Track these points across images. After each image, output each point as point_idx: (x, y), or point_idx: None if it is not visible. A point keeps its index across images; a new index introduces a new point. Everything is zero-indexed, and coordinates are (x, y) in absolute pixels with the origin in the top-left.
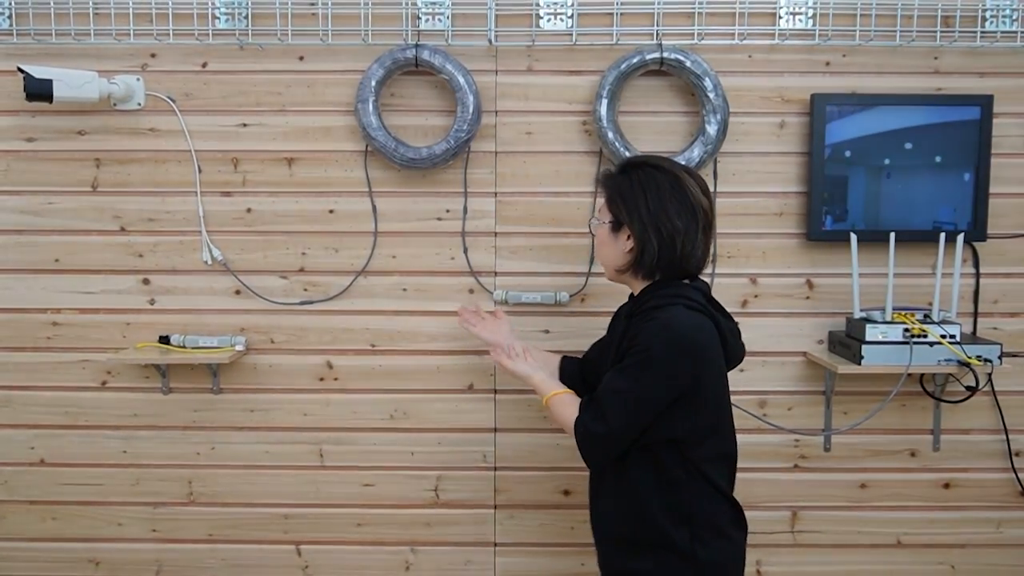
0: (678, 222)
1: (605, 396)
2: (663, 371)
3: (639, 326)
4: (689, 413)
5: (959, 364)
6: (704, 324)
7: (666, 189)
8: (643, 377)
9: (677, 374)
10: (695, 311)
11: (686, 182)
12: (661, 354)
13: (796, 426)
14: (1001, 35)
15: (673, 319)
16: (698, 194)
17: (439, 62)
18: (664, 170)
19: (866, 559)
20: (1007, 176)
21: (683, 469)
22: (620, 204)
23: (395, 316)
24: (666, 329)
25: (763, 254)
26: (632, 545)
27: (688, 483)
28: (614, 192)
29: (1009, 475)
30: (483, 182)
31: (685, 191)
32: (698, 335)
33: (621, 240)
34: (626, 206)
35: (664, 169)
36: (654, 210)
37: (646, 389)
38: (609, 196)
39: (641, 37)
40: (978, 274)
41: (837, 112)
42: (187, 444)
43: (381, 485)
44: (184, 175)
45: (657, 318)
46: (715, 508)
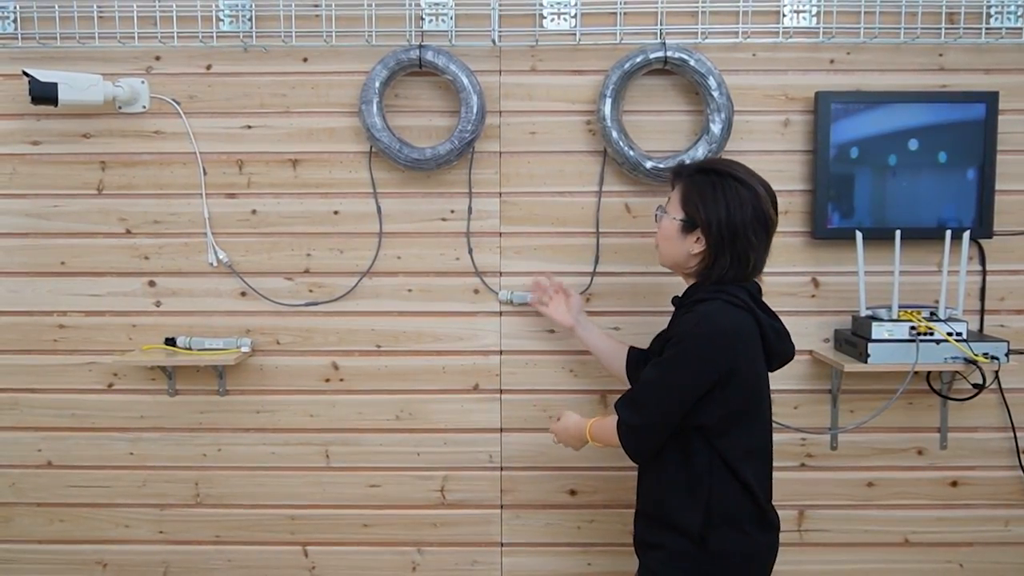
0: (754, 239)
1: (640, 389)
2: (696, 360)
3: (680, 318)
4: (719, 403)
5: (966, 362)
6: (742, 319)
7: (749, 206)
8: (677, 367)
9: (709, 364)
10: (736, 307)
11: (764, 200)
12: (694, 344)
13: (802, 425)
14: (1006, 31)
15: (711, 312)
16: (772, 211)
17: (443, 63)
18: (747, 184)
19: (873, 558)
20: (1013, 173)
21: (707, 458)
22: (699, 207)
23: (400, 317)
24: (702, 322)
25: None
26: (653, 521)
27: (711, 472)
28: (694, 192)
29: (1017, 473)
30: (487, 182)
31: (764, 209)
32: (733, 328)
33: (689, 241)
34: (706, 212)
35: (747, 184)
36: (735, 225)
37: (680, 378)
38: (687, 195)
39: (645, 36)
40: (984, 271)
41: (842, 110)
42: (194, 446)
43: (387, 486)
44: (189, 177)
45: (696, 311)
46: (735, 501)
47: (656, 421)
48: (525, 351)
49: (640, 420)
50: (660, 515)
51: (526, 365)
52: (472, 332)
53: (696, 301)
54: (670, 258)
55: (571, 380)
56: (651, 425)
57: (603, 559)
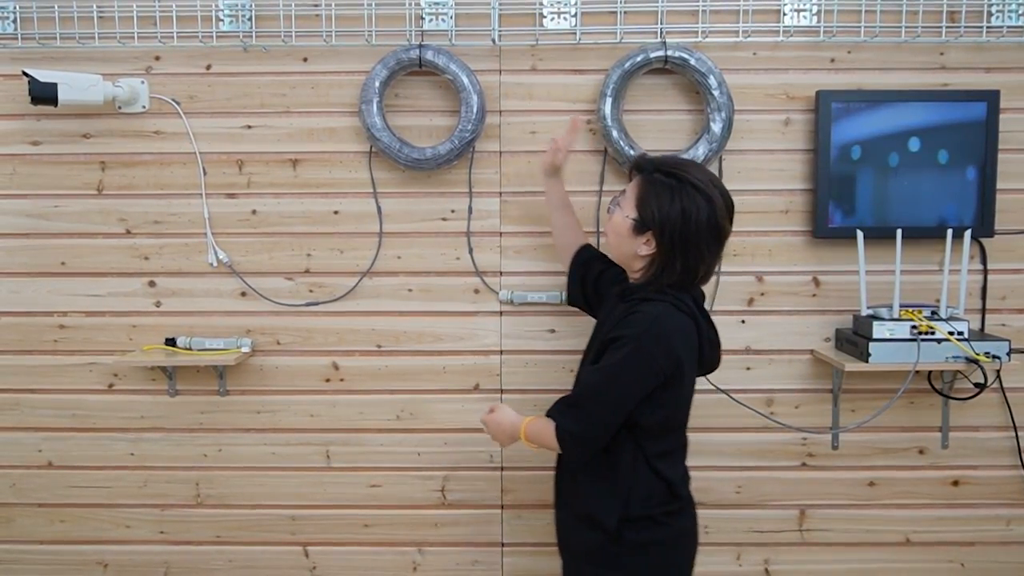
0: (706, 251)
1: (584, 396)
2: (642, 363)
3: (623, 317)
4: (658, 404)
5: (967, 361)
6: (687, 326)
7: (703, 216)
8: (623, 371)
9: (655, 366)
10: (681, 312)
11: (720, 209)
12: (641, 346)
13: (803, 424)
14: (1007, 30)
15: (660, 316)
16: (726, 221)
17: (443, 62)
18: (704, 193)
19: (875, 557)
20: (1014, 172)
21: (632, 457)
22: (655, 211)
23: (401, 317)
24: (650, 324)
25: (769, 252)
26: (572, 518)
27: (634, 471)
28: (651, 194)
29: (1018, 472)
30: (488, 182)
31: (718, 219)
32: (679, 332)
33: (639, 242)
34: (661, 217)
35: (704, 192)
36: (689, 236)
37: (625, 382)
38: (643, 195)
39: (645, 35)
40: (986, 270)
41: (843, 109)
42: (194, 446)
43: (388, 486)
44: (189, 177)
45: (643, 311)
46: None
47: (600, 428)
48: (525, 351)
49: (583, 428)
50: (580, 513)
51: (526, 365)
52: (472, 332)
53: (642, 300)
54: (617, 252)
55: (571, 380)
56: (595, 433)
57: None
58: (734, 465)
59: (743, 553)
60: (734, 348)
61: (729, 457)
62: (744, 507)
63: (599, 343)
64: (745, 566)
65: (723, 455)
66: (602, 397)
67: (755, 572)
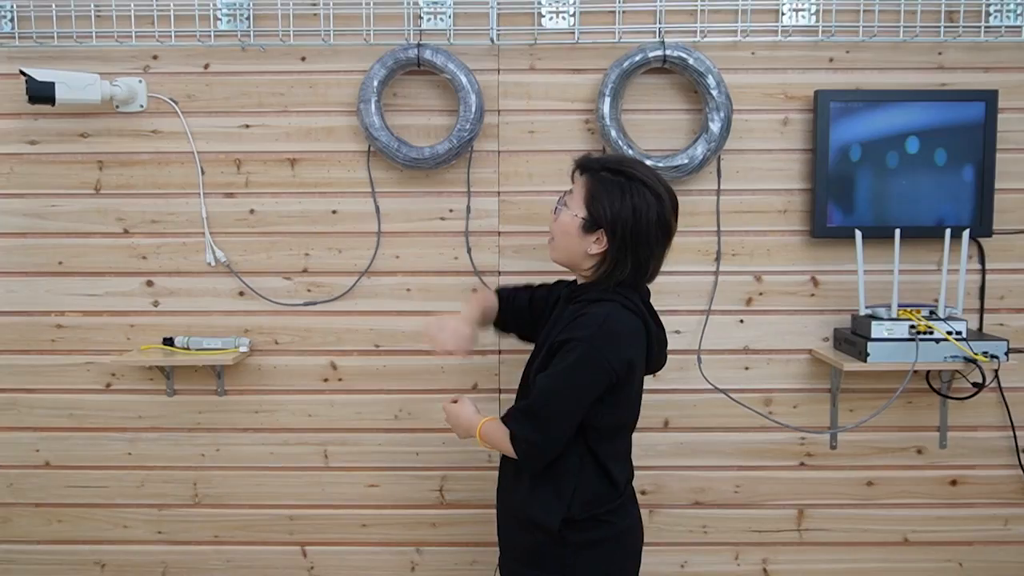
0: (656, 248)
1: (539, 402)
2: (595, 365)
3: (572, 318)
4: (609, 405)
5: (965, 361)
6: (636, 326)
7: (653, 213)
8: (576, 374)
9: (607, 367)
10: (630, 311)
11: (667, 205)
12: (592, 348)
13: (802, 424)
14: (1005, 30)
15: (609, 315)
16: (673, 219)
17: (441, 61)
18: (653, 190)
19: (873, 557)
20: (1012, 171)
21: (579, 458)
22: (605, 209)
23: (399, 316)
24: (599, 326)
25: (768, 251)
26: (514, 520)
27: (580, 471)
28: (601, 192)
29: (1016, 471)
30: (486, 181)
31: (667, 216)
32: (630, 332)
33: (588, 241)
34: (612, 214)
35: (653, 189)
36: (640, 232)
37: (579, 387)
38: (593, 193)
39: (643, 35)
40: (984, 270)
41: (841, 109)
42: (192, 446)
43: (386, 486)
44: (187, 177)
45: (591, 313)
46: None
47: (557, 435)
48: (523, 351)
49: (541, 435)
50: (521, 515)
51: (524, 365)
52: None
53: (591, 301)
54: (565, 253)
55: None
56: (552, 440)
57: None
58: (732, 465)
59: (741, 553)
60: (732, 348)
61: (727, 457)
62: (742, 507)
63: (548, 345)
64: (743, 566)
65: (721, 455)
66: (557, 403)
67: (753, 572)
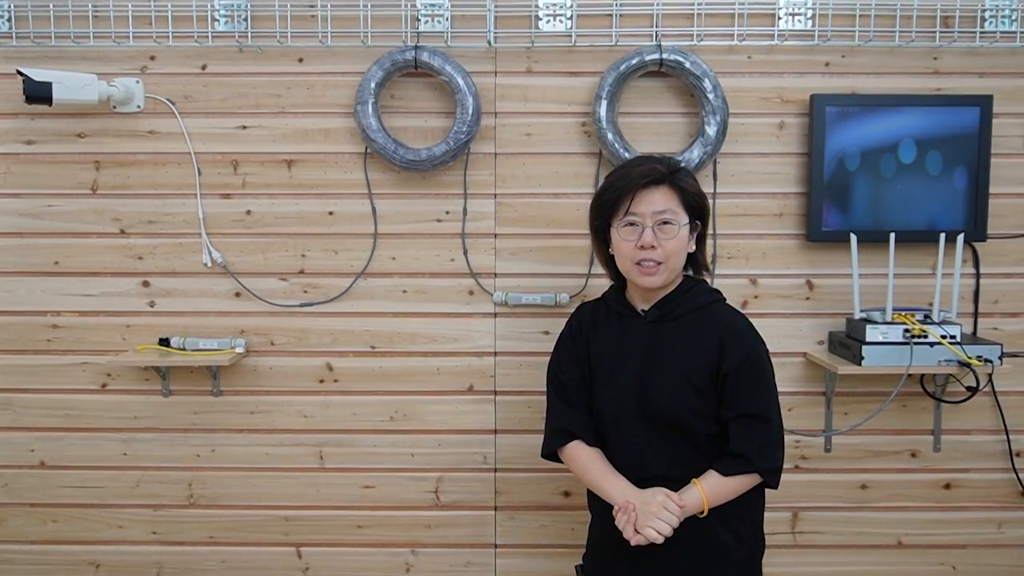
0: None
1: (778, 428)
2: (770, 362)
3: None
4: None
5: (960, 364)
6: None
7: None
8: (772, 378)
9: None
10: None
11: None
12: (763, 348)
13: (796, 427)
14: (1000, 35)
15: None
16: None
17: (438, 64)
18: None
19: (867, 560)
20: (1007, 176)
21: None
22: (700, 202)
23: (395, 318)
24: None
25: (763, 255)
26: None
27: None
28: (692, 192)
29: (1010, 475)
30: (483, 184)
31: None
32: None
33: (691, 241)
34: (704, 205)
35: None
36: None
37: (775, 388)
38: (685, 196)
39: (640, 38)
40: (978, 274)
41: (837, 113)
42: (187, 446)
43: (381, 487)
44: (184, 177)
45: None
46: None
47: (783, 445)
48: (519, 352)
49: (781, 456)
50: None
51: (520, 366)
52: (467, 333)
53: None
54: (677, 267)
55: None
56: (783, 452)
57: None
58: None
59: None
60: None
61: None
62: None
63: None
64: None
65: None
66: (778, 418)
67: None
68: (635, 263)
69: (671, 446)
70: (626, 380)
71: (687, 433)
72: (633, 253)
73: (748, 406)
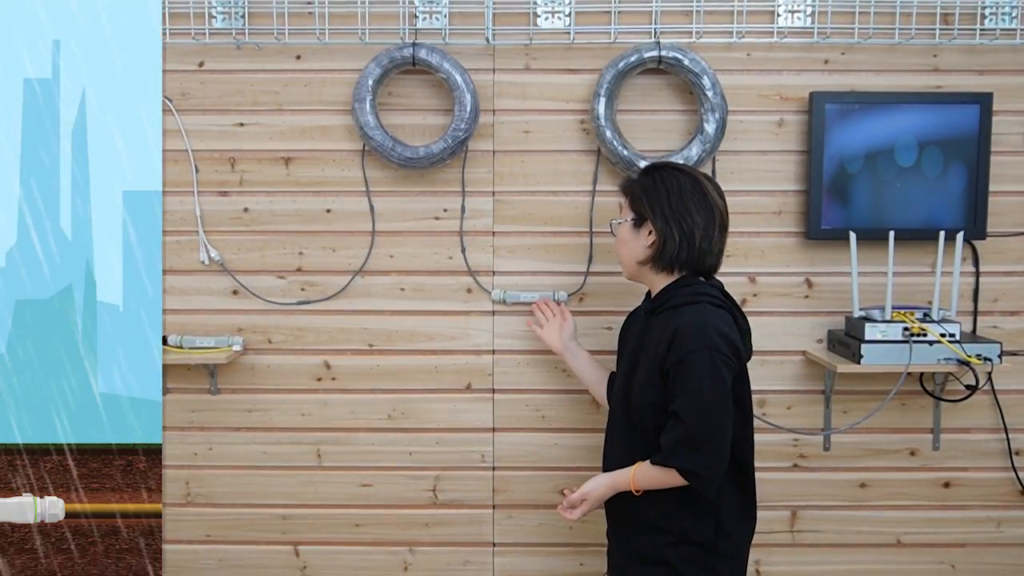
0: (697, 218)
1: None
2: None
3: (671, 332)
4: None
5: (959, 363)
6: (728, 319)
7: (687, 188)
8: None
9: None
10: (716, 307)
11: (704, 184)
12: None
13: (795, 425)
14: (1000, 32)
15: (707, 316)
16: (715, 196)
17: (436, 61)
18: (684, 171)
19: (866, 558)
20: (1006, 174)
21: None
22: (643, 200)
23: (393, 316)
24: (706, 326)
25: (762, 253)
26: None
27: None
28: (637, 190)
29: (1009, 474)
30: (481, 181)
31: (704, 191)
32: (727, 327)
33: (643, 235)
34: (648, 201)
35: (684, 171)
36: (675, 206)
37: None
38: (632, 195)
39: (639, 35)
40: (978, 272)
41: (836, 110)
42: (184, 444)
43: (379, 485)
44: (181, 175)
45: (688, 319)
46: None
47: (722, 448)
48: (518, 351)
49: (708, 459)
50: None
51: (518, 365)
52: (465, 331)
53: (677, 305)
54: (632, 258)
55: (563, 380)
56: (720, 457)
57: (595, 559)
58: None
59: None
60: None
61: None
62: None
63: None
64: None
65: None
66: (710, 420)
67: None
68: None
69: (632, 433)
70: (624, 366)
71: (645, 423)
72: None
73: (673, 404)
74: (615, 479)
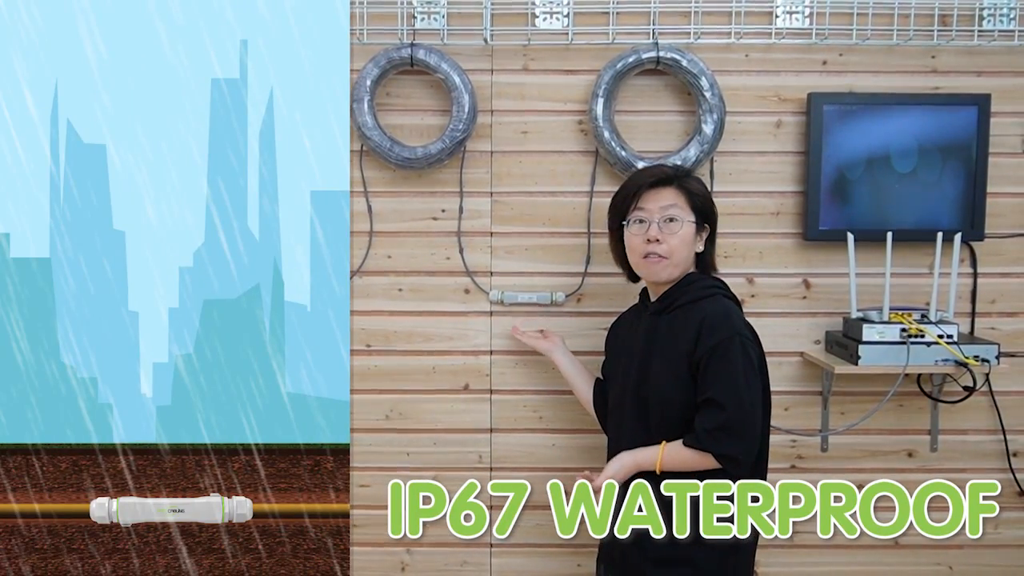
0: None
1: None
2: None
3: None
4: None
5: (956, 364)
6: (739, 310)
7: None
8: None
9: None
10: (729, 298)
11: None
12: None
13: (793, 426)
14: (999, 34)
15: (728, 305)
16: None
17: (434, 61)
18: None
19: (863, 560)
20: (1004, 175)
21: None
22: (707, 205)
23: (390, 316)
24: (729, 316)
25: (760, 254)
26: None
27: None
28: (696, 193)
29: (1007, 475)
30: (479, 182)
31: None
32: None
33: (700, 239)
34: (710, 207)
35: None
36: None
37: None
38: (692, 196)
39: (637, 36)
40: (976, 274)
41: (834, 111)
42: None
43: (377, 486)
44: None
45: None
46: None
47: (756, 435)
48: (515, 351)
49: (747, 445)
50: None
51: (516, 365)
52: (462, 332)
53: (695, 300)
54: (682, 265)
55: (561, 381)
56: (753, 441)
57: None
58: None
59: None
60: None
61: None
62: None
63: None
64: None
65: None
66: (747, 407)
67: None
68: (643, 256)
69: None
70: (629, 367)
71: (667, 418)
72: (641, 247)
73: (708, 392)
74: (637, 458)
